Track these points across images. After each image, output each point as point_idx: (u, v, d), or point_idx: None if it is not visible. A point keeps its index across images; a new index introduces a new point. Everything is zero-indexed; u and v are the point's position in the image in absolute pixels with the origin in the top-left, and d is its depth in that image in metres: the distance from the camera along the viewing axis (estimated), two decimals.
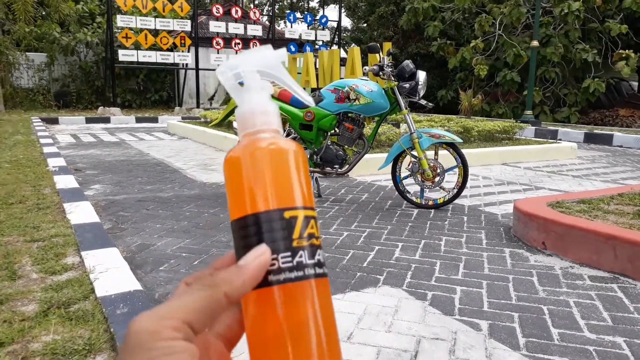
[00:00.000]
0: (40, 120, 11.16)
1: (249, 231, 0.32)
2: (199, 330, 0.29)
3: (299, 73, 10.69)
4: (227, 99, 15.76)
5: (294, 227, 0.32)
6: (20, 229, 2.92)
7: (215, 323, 0.33)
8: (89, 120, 11.90)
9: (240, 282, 0.30)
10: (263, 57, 0.35)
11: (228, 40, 14.62)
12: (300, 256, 0.32)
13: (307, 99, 0.37)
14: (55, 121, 11.57)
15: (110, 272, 2.25)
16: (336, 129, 3.82)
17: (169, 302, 0.29)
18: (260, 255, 0.31)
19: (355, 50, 9.24)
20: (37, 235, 2.80)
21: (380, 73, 3.67)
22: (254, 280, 0.31)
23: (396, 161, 3.78)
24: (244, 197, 0.33)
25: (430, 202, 3.76)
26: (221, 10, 14.06)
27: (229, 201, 0.34)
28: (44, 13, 15.73)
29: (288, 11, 17.69)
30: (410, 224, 3.39)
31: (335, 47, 15.99)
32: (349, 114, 3.75)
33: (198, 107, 14.49)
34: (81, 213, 3.26)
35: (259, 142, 0.34)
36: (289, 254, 0.32)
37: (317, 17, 17.11)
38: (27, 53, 15.29)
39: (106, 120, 12.13)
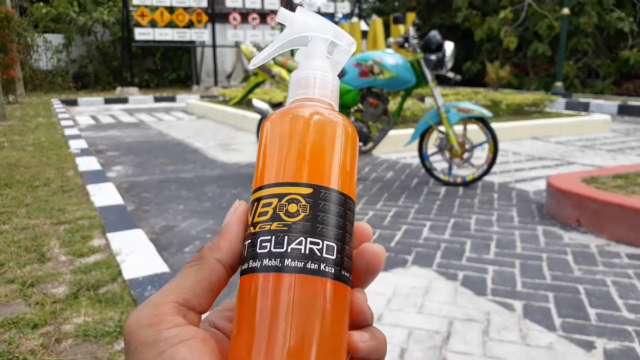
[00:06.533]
0: (60, 102, 11.28)
1: None
2: (200, 306, 0.27)
3: None
4: (246, 77, 15.67)
5: (250, 212, 0.29)
6: (46, 211, 2.94)
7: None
8: (107, 101, 11.97)
9: (227, 243, 0.29)
10: (335, 30, 0.33)
11: (245, 16, 14.42)
12: (246, 247, 0.29)
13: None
14: (74, 103, 11.66)
15: (136, 254, 2.26)
16: (359, 104, 3.72)
17: (161, 289, 0.28)
18: (235, 210, 0.30)
19: (378, 22, 9.02)
20: (63, 218, 2.81)
21: (406, 45, 3.54)
22: (237, 236, 0.29)
23: (423, 137, 3.68)
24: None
25: (459, 180, 3.66)
26: None
27: None
28: None
29: None
30: (438, 202, 3.31)
31: (355, 19, 15.65)
32: (373, 89, 3.64)
33: (216, 85, 14.44)
34: (105, 195, 3.27)
35: (287, 110, 0.30)
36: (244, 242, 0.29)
37: None
38: (44, 34, 15.34)
39: (124, 100, 12.19)
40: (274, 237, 0.27)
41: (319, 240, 0.27)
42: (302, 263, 0.27)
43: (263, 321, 0.26)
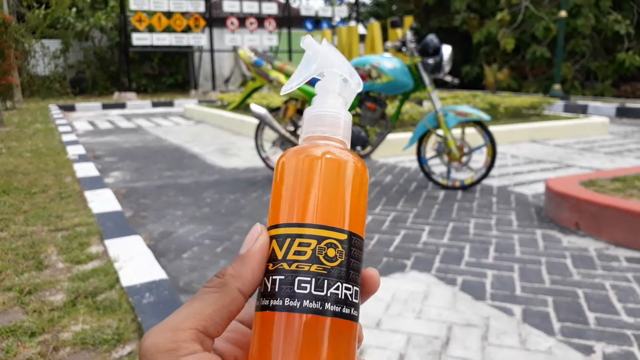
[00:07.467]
0: (57, 107, 11.27)
1: None
2: (216, 333, 0.28)
3: None
4: (244, 81, 15.68)
5: (277, 245, 0.30)
6: (44, 218, 2.93)
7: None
8: (105, 106, 11.97)
9: (250, 273, 0.29)
10: (350, 68, 0.33)
11: (242, 20, 14.45)
12: (277, 282, 0.29)
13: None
14: (72, 108, 11.65)
15: (134, 261, 2.25)
16: (357, 109, 3.72)
17: (179, 311, 0.28)
18: (257, 237, 0.30)
19: (375, 25, 9.04)
20: (60, 225, 2.80)
21: (403, 49, 3.54)
22: (261, 265, 0.29)
23: (421, 141, 3.68)
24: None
25: (458, 183, 3.66)
26: None
27: None
28: None
29: None
30: (437, 206, 3.31)
31: (353, 23, 15.71)
32: (371, 94, 3.64)
33: (214, 89, 14.46)
34: (102, 201, 3.26)
35: (302, 149, 0.31)
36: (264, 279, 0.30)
37: None
38: (42, 40, 15.34)
39: (122, 105, 12.18)
40: (314, 279, 0.28)
41: (351, 286, 0.29)
42: (340, 308, 0.28)
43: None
